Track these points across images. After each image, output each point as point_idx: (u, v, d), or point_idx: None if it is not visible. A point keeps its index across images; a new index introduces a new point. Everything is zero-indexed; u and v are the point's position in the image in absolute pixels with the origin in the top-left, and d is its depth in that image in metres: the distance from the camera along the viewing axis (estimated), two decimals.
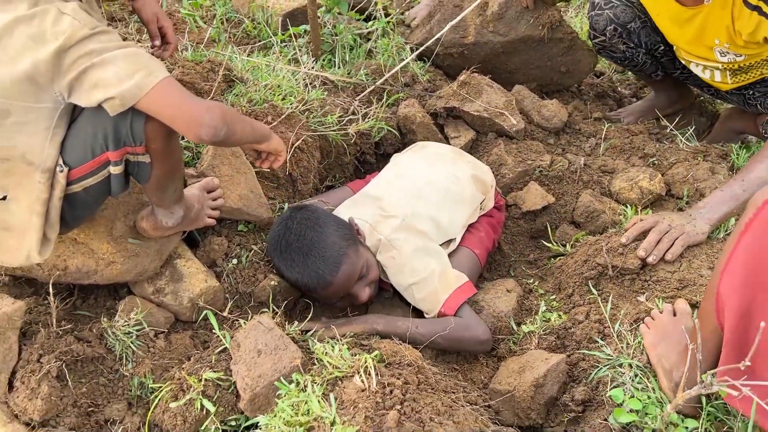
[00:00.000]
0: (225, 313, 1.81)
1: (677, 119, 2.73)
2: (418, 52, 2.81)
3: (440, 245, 2.05)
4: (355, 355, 1.49)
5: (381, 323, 1.85)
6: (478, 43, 2.86)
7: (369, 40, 2.92)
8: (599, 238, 2.09)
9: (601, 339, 1.79)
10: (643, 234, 1.93)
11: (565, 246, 2.23)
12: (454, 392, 1.67)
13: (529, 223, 2.43)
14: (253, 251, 1.96)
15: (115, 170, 1.51)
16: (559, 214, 2.41)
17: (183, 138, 1.92)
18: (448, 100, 2.66)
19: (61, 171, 1.48)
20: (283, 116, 2.23)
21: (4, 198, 1.50)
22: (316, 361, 1.53)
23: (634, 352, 1.69)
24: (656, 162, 2.44)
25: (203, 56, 2.50)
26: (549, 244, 2.25)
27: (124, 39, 1.58)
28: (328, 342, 1.57)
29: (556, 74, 2.99)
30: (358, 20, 3.04)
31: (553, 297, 2.05)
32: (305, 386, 1.42)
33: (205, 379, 1.55)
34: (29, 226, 1.52)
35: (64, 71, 1.39)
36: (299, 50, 2.71)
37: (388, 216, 2.05)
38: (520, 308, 2.05)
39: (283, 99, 2.34)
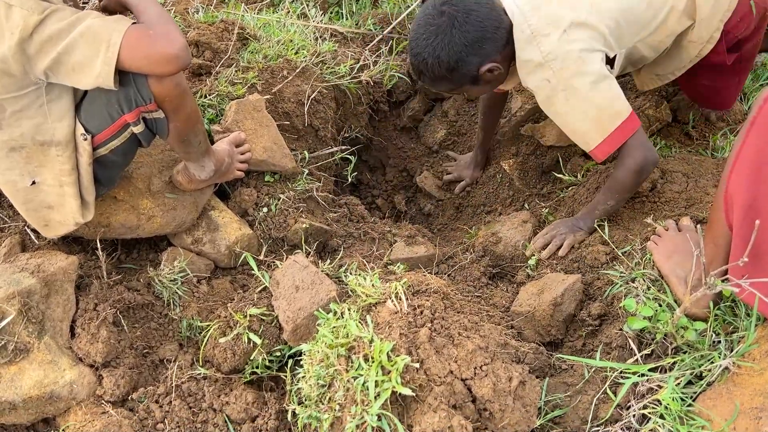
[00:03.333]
0: (261, 257, 1.94)
1: None
2: None
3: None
4: (386, 284, 1.61)
5: (585, 223, 1.99)
6: None
7: None
8: (609, 165, 2.19)
9: (613, 260, 1.90)
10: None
11: (576, 177, 2.33)
12: (478, 314, 1.80)
13: (539, 158, 2.52)
14: (281, 199, 2.08)
15: (137, 129, 1.62)
16: (570, 147, 2.49)
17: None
18: None
19: (85, 139, 1.59)
20: (298, 70, 2.32)
21: (34, 183, 1.62)
22: (350, 292, 1.66)
23: (645, 268, 1.80)
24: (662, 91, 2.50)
25: (215, 17, 2.58)
26: (561, 176, 2.35)
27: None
28: (360, 275, 1.69)
29: None
30: None
31: None
32: (342, 314, 1.55)
33: (250, 315, 1.69)
34: (64, 197, 1.65)
35: (32, 60, 1.44)
36: (307, 4, 2.77)
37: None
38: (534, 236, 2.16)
39: (296, 53, 2.42)
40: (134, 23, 1.47)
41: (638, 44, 1.91)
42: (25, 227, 1.86)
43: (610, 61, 1.88)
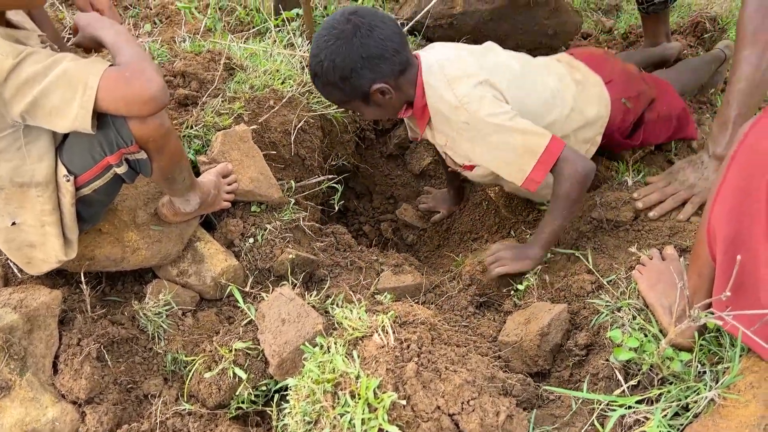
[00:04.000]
0: (247, 289, 1.93)
1: None
2: (408, 26, 2.89)
3: None
4: (372, 317, 1.61)
5: (532, 251, 2.00)
6: (467, 12, 2.94)
7: None
8: (593, 193, 2.20)
9: (599, 288, 1.91)
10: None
11: None
12: (465, 345, 1.80)
13: None
14: (267, 230, 2.07)
15: (120, 170, 1.60)
16: None
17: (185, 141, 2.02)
18: None
19: (68, 180, 1.58)
20: (284, 99, 2.33)
21: (14, 224, 1.60)
22: (336, 325, 1.65)
23: (630, 297, 1.81)
24: None
25: (202, 46, 2.59)
26: (545, 207, 2.36)
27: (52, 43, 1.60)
28: (346, 307, 1.69)
29: (543, 37, 3.08)
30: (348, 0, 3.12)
31: (551, 254, 2.17)
32: (329, 347, 1.54)
33: (235, 349, 1.68)
34: (46, 236, 1.64)
35: (8, 104, 1.42)
36: (293, 34, 2.79)
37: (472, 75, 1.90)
38: None
39: (282, 83, 2.43)
40: (111, 65, 1.46)
41: None
42: (8, 261, 1.84)
43: None
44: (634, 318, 1.74)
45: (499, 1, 2.89)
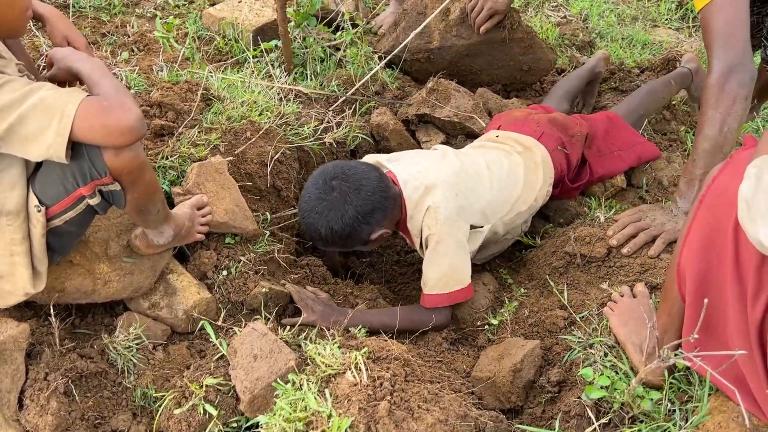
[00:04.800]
0: (219, 322, 1.92)
1: None
2: (386, 60, 2.93)
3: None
4: (346, 353, 1.60)
5: (344, 319, 1.97)
6: (443, 47, 2.98)
7: (338, 50, 3.04)
8: (566, 229, 2.23)
9: (571, 324, 1.92)
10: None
11: (534, 238, 2.37)
12: (439, 381, 1.79)
13: None
14: (241, 262, 2.06)
15: (93, 201, 1.58)
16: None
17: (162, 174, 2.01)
18: (419, 107, 2.79)
19: (39, 211, 1.56)
20: (261, 131, 2.33)
21: None
22: (309, 361, 1.64)
23: (601, 334, 1.83)
24: None
25: (179, 76, 2.60)
26: (520, 238, 2.38)
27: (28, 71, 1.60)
28: (319, 343, 1.68)
29: (518, 73, 3.13)
30: (327, 32, 3.15)
31: (525, 289, 2.18)
32: (301, 385, 1.53)
33: (206, 385, 1.65)
34: (14, 266, 1.61)
35: None
36: (272, 65, 2.81)
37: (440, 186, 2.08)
38: (496, 300, 2.18)
39: (260, 114, 2.44)
40: (89, 95, 1.46)
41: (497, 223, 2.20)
42: None
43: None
44: (606, 355, 1.76)
45: (476, 37, 2.94)
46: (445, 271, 2.03)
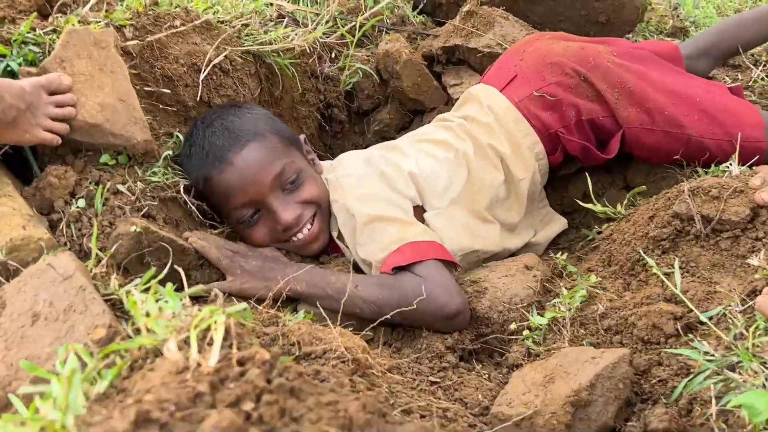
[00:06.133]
0: None
1: None
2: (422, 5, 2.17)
3: None
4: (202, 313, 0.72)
5: (303, 281, 1.17)
6: None
7: None
8: (675, 187, 1.33)
9: (689, 330, 1.01)
10: None
11: (615, 208, 1.47)
12: (423, 416, 0.91)
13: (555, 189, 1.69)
14: (118, 191, 1.24)
15: None
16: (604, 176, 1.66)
17: None
18: (447, 38, 1.97)
19: None
20: (198, 21, 1.54)
21: None
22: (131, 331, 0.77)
23: (754, 345, 0.91)
24: None
25: None
26: (591, 206, 1.47)
27: None
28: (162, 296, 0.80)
29: (592, 26, 2.29)
30: None
31: (598, 277, 1.27)
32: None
33: None
34: None
35: None
36: None
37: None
38: (544, 293, 1.27)
39: (207, 9, 1.66)
40: None
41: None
42: None
43: None
44: (766, 385, 0.84)
45: None
46: (385, 227, 1.30)
